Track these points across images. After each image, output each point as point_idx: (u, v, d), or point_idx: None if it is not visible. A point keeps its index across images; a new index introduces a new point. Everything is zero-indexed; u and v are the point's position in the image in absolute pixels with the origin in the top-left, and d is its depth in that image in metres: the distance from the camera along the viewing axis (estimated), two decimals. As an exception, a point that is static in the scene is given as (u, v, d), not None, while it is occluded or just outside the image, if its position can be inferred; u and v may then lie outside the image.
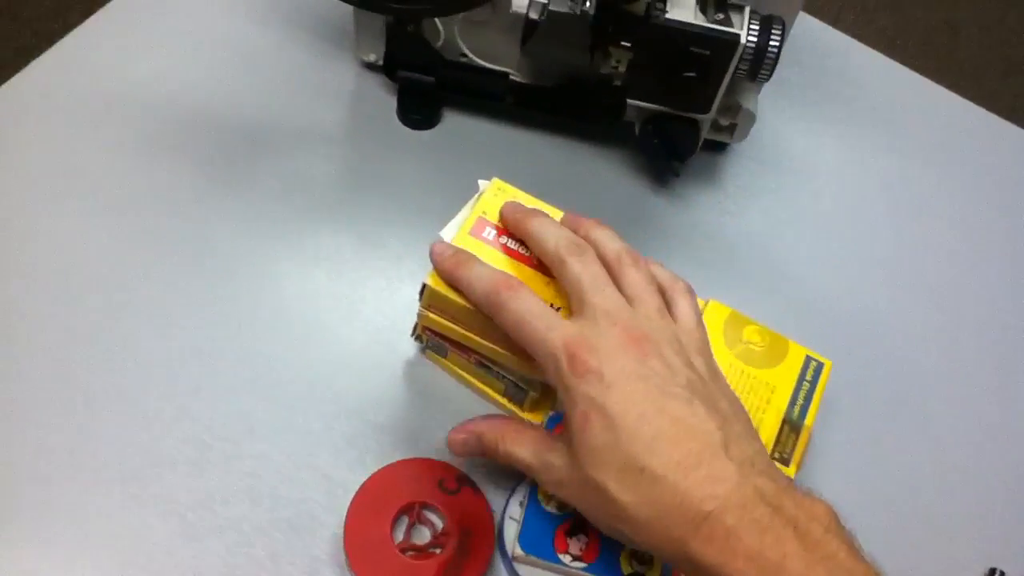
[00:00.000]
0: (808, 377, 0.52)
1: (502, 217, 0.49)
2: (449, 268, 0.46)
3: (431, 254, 0.47)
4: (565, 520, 0.48)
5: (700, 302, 0.50)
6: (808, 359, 0.52)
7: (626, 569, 0.48)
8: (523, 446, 0.43)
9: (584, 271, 0.43)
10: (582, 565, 0.47)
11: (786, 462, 0.49)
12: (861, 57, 0.77)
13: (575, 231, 0.46)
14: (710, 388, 0.41)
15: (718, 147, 0.67)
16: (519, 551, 0.48)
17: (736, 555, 0.35)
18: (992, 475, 0.57)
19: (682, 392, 0.39)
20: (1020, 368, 0.62)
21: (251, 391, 0.53)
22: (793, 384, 0.51)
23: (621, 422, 0.38)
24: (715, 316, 0.53)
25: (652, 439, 0.37)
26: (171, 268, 0.56)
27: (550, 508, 0.49)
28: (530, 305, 0.42)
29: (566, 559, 0.47)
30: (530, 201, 0.51)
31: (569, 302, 0.44)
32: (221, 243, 0.58)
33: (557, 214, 0.50)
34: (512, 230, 0.48)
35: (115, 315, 0.54)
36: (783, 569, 0.35)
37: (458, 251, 0.46)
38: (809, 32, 0.74)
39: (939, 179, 0.70)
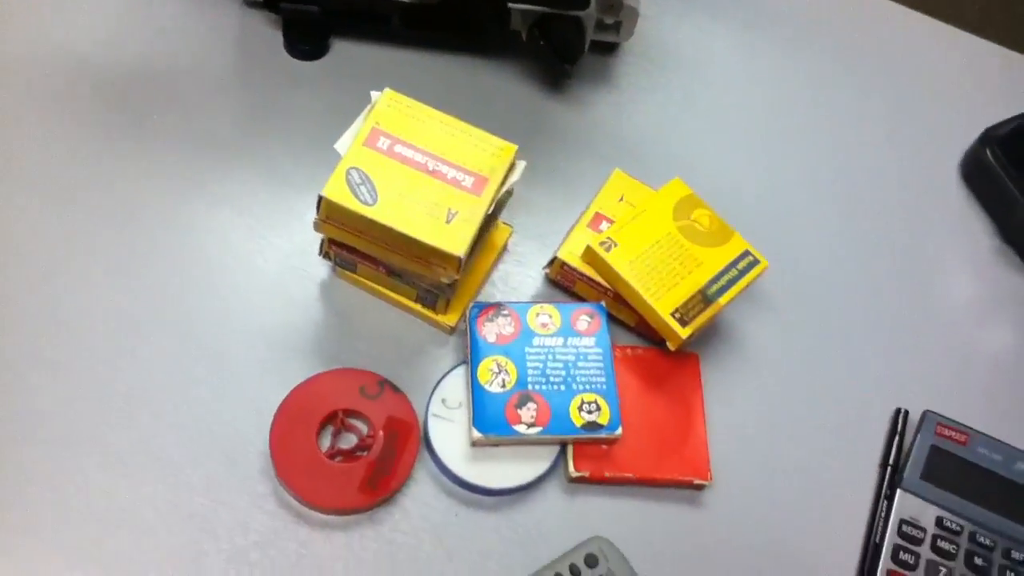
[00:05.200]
0: (739, 267, 0.54)
1: None
2: None
3: None
4: (511, 395, 0.50)
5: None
6: (746, 252, 0.55)
7: (578, 421, 0.50)
8: None
9: None
10: (538, 430, 0.49)
11: (684, 323, 0.52)
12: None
13: None
14: None
15: (608, 48, 0.69)
16: (477, 435, 0.49)
17: None
18: (897, 324, 0.61)
19: None
20: (923, 240, 0.65)
21: (175, 338, 0.53)
22: (721, 267, 0.54)
23: None
24: (674, 192, 0.56)
25: None
26: (82, 229, 0.56)
27: (493, 389, 0.50)
28: None
29: (522, 429, 0.49)
30: (425, 112, 0.52)
31: None
32: (125, 196, 0.57)
33: (455, 123, 0.51)
34: None
35: (31, 283, 0.54)
36: None
37: None
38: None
39: (823, 61, 0.72)
